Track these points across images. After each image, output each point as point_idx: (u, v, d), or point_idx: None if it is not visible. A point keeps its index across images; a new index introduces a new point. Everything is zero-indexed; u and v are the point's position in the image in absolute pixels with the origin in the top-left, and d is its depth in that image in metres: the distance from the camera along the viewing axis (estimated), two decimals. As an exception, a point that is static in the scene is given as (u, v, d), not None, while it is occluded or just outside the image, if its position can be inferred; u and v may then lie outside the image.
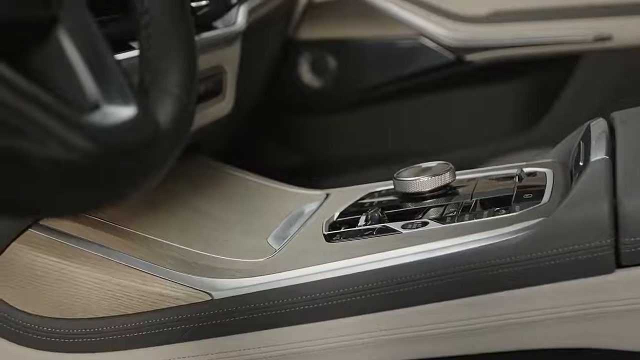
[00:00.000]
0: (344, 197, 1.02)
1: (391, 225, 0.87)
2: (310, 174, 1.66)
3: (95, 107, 0.53)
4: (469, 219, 0.84)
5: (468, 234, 0.80)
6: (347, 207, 0.97)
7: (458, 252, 0.79)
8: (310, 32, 1.64)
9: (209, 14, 1.06)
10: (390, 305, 0.79)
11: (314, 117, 1.70)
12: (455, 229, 0.83)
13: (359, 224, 0.90)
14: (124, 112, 0.53)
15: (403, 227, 0.86)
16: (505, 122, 1.61)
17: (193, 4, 1.01)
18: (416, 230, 0.85)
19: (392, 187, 0.97)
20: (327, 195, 1.05)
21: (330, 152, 1.70)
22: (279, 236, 0.93)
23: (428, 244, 0.81)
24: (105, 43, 0.57)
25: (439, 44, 1.58)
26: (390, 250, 0.81)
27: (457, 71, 1.59)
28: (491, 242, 0.78)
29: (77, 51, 0.55)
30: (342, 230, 0.90)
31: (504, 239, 0.78)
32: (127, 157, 0.51)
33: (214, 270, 0.86)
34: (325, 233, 0.90)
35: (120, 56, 0.86)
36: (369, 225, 0.89)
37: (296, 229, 0.95)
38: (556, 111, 1.57)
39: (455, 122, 1.64)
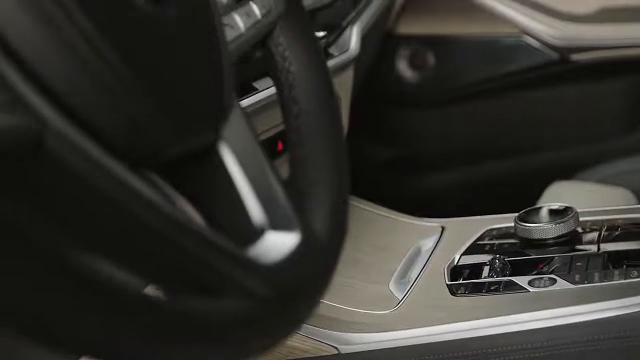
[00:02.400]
0: (460, 233, 1.02)
1: (517, 280, 0.87)
2: (403, 168, 1.66)
3: (261, 234, 0.53)
4: (599, 280, 0.84)
5: (600, 300, 0.79)
6: (466, 248, 0.97)
7: (590, 321, 0.78)
8: (409, 27, 1.62)
9: (326, 43, 1.05)
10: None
11: (410, 112, 1.69)
12: (586, 291, 0.82)
13: (482, 275, 0.90)
14: (291, 239, 0.53)
15: (530, 283, 0.86)
16: (607, 124, 1.58)
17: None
18: (544, 289, 0.84)
19: (511, 224, 0.97)
20: (443, 228, 1.05)
21: (424, 147, 1.69)
22: (400, 282, 0.94)
23: (558, 309, 0.80)
24: (267, 159, 0.57)
25: (542, 42, 1.54)
26: (519, 313, 0.81)
27: (558, 70, 1.56)
28: (626, 312, 0.77)
29: (241, 170, 0.55)
30: (465, 281, 0.90)
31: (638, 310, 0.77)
32: (299, 295, 0.52)
33: (341, 323, 0.87)
34: (448, 283, 0.90)
35: (245, 101, 0.87)
36: (494, 277, 0.89)
37: (417, 272, 0.95)
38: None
39: (555, 121, 1.62)
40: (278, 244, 0.53)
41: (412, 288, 0.92)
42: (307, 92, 0.64)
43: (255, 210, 0.54)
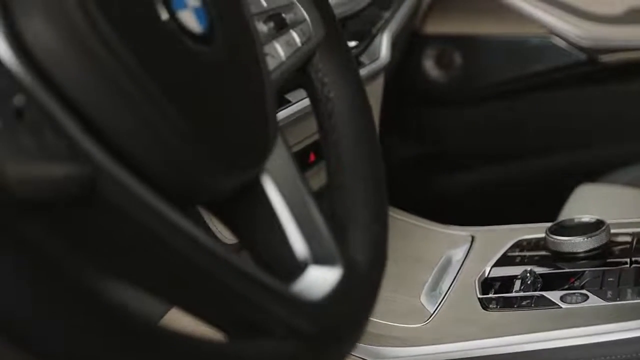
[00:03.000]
0: (490, 243, 1.02)
1: (549, 295, 0.87)
2: (427, 167, 1.66)
3: (304, 268, 0.54)
4: (632, 297, 0.84)
5: (633, 318, 0.80)
6: (497, 260, 0.97)
7: (623, 340, 0.79)
8: (436, 27, 1.62)
9: (357, 52, 1.05)
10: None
11: (435, 110, 1.69)
12: (618, 309, 0.82)
13: (514, 289, 0.90)
14: (333, 274, 0.54)
15: (562, 299, 0.86)
16: (634, 125, 1.57)
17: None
18: (576, 305, 0.85)
19: (542, 235, 0.97)
20: (473, 238, 1.05)
21: (449, 146, 1.69)
22: (431, 294, 0.94)
23: (590, 327, 0.81)
24: (309, 189, 0.57)
25: (570, 43, 1.54)
26: (552, 330, 0.82)
27: (586, 71, 1.56)
28: (659, 332, 0.78)
29: (283, 202, 0.56)
30: (497, 295, 0.90)
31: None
32: (343, 330, 0.52)
33: (372, 337, 0.87)
34: (480, 297, 0.91)
35: (279, 114, 0.87)
36: (525, 292, 0.89)
37: (448, 284, 0.95)
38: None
39: (582, 122, 1.61)
40: (321, 279, 0.54)
41: (443, 301, 0.92)
42: (346, 120, 0.64)
43: (298, 244, 0.55)
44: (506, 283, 0.92)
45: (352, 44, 1.03)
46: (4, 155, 0.37)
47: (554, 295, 0.87)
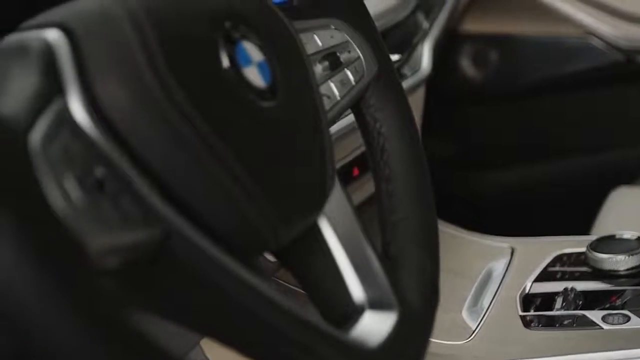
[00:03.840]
0: (531, 256, 1.03)
1: (590, 315, 0.88)
2: (460, 165, 1.67)
3: (361, 312, 0.55)
4: (674, 318, 0.85)
5: (675, 342, 0.81)
6: (537, 275, 0.98)
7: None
8: (473, 25, 1.62)
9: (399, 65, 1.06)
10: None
11: (471, 108, 1.69)
12: (660, 332, 0.83)
13: (555, 306, 0.91)
14: (389, 318, 0.55)
15: (603, 319, 0.87)
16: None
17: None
18: (618, 327, 0.86)
19: (582, 250, 0.98)
20: (513, 250, 1.06)
21: (483, 145, 1.69)
22: (472, 310, 0.95)
23: (632, 351, 0.82)
24: (364, 230, 0.58)
25: (608, 44, 1.53)
26: (593, 352, 0.83)
27: (623, 71, 1.55)
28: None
29: (340, 244, 0.57)
30: (538, 313, 0.91)
31: None
32: None
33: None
34: (521, 314, 0.92)
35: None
36: (567, 310, 0.90)
37: (489, 299, 0.96)
38: None
39: (618, 123, 1.61)
40: (377, 324, 0.55)
41: (485, 317, 0.93)
42: (399, 156, 0.65)
43: (355, 287, 0.56)
44: (547, 300, 0.93)
45: (394, 57, 1.03)
46: (88, 231, 0.39)
47: (595, 315, 0.88)
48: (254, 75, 0.49)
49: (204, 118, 0.45)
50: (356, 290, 0.56)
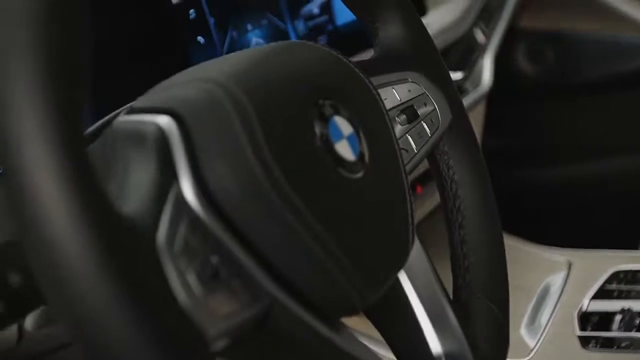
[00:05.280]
0: (588, 271, 1.05)
1: (649, 339, 0.91)
2: (512, 161, 1.68)
3: (440, 363, 0.58)
4: None
5: None
6: (595, 292, 1.00)
7: None
8: (531, 22, 1.62)
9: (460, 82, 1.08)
10: None
11: (525, 104, 1.70)
12: None
13: (613, 327, 0.94)
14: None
15: (661, 343, 0.89)
16: None
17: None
18: (676, 352, 0.88)
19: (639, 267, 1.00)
20: (570, 264, 1.08)
21: (535, 140, 1.70)
22: (530, 327, 0.98)
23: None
24: (439, 280, 0.61)
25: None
26: (652, 377, 0.85)
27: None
28: None
29: (417, 297, 0.60)
30: (596, 333, 0.94)
31: None
32: None
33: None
34: (579, 334, 0.94)
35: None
36: (625, 332, 0.92)
37: (546, 317, 0.99)
38: None
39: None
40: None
41: (543, 336, 0.96)
42: (471, 203, 0.68)
43: (432, 340, 0.60)
44: (605, 319, 0.96)
45: (456, 74, 1.05)
46: (207, 320, 0.42)
47: (653, 339, 0.90)
48: (345, 149, 0.51)
49: (301, 199, 0.47)
50: (433, 343, 0.60)
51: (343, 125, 0.52)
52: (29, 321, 0.49)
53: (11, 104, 0.35)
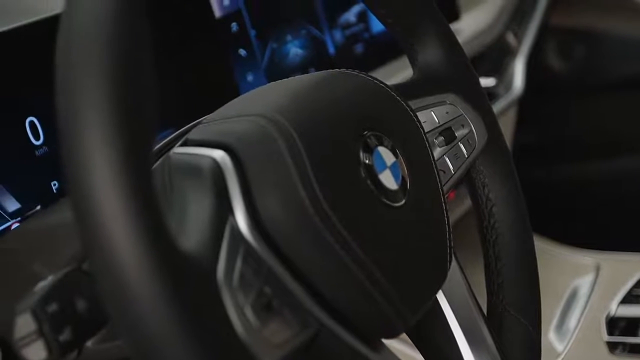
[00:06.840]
0: (616, 274, 1.06)
1: (676, 346, 0.92)
2: (537, 157, 1.69)
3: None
4: None
5: None
6: (623, 297, 1.02)
7: None
8: (560, 19, 1.63)
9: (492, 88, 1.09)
10: None
11: (551, 100, 1.70)
12: None
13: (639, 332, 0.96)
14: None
15: (688, 351, 0.91)
16: None
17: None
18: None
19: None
20: (598, 267, 1.10)
21: (561, 137, 1.71)
22: (558, 331, 1.00)
23: None
24: (473, 299, 0.64)
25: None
26: (678, 385, 0.87)
27: None
28: None
29: (455, 318, 0.62)
30: (623, 338, 0.96)
31: None
32: None
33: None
34: (607, 340, 0.96)
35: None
36: (652, 339, 0.95)
37: (574, 321, 1.01)
38: None
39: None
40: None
41: (570, 340, 0.98)
42: (505, 221, 0.70)
43: (467, 356, 0.62)
44: (632, 325, 0.98)
45: (488, 80, 1.06)
46: (262, 349, 0.44)
47: (680, 347, 0.92)
48: (388, 179, 0.53)
49: (348, 230, 0.49)
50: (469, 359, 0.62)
51: (386, 155, 0.54)
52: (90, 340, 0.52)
53: (91, 168, 0.38)
